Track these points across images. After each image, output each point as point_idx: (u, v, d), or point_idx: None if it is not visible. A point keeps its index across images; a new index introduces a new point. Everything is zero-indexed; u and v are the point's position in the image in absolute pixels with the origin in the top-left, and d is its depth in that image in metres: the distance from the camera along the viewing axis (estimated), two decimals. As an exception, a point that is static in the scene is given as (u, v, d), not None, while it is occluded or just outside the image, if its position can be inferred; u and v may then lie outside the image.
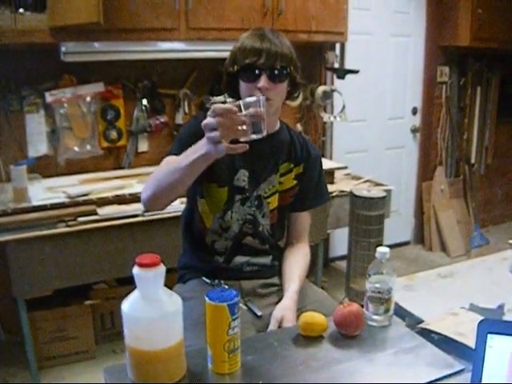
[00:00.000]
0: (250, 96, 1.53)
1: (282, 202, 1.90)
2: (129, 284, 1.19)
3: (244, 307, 1.79)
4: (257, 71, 1.68)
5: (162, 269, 1.17)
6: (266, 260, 1.92)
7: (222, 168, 1.77)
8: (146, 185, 1.66)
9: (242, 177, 1.82)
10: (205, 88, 3.68)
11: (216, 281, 1.85)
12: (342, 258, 4.54)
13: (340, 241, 4.51)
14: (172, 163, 1.58)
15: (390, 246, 1.65)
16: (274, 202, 1.88)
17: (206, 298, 1.26)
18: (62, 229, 2.72)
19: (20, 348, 2.90)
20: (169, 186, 1.57)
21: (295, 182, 1.91)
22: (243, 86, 1.74)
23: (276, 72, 1.70)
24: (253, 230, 1.87)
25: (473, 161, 5.44)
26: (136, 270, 1.15)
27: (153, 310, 1.16)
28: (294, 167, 1.91)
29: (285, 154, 1.89)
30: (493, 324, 1.12)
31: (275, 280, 1.93)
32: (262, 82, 1.68)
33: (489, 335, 1.10)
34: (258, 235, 1.89)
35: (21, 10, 2.76)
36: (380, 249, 1.53)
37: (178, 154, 1.61)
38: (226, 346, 1.26)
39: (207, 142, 1.36)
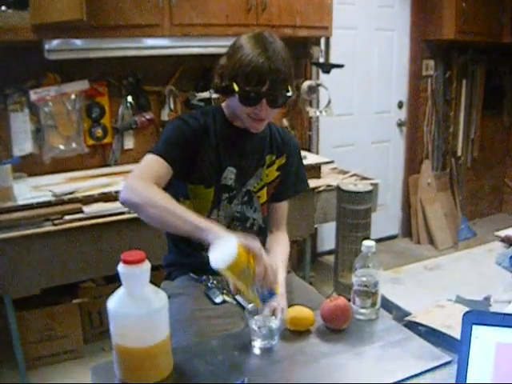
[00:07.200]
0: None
1: (268, 195, 1.92)
2: (117, 282, 1.18)
3: (233, 301, 1.78)
4: (258, 97, 1.65)
5: (147, 265, 1.16)
6: None
7: (208, 168, 1.74)
8: (132, 187, 1.57)
9: (230, 175, 1.82)
10: (190, 84, 3.66)
11: (204, 276, 1.83)
12: (329, 252, 4.54)
13: (328, 235, 4.51)
14: (169, 203, 1.52)
15: (378, 240, 1.66)
16: (263, 195, 1.90)
17: None
18: (48, 227, 2.71)
19: (8, 348, 2.87)
20: (155, 221, 1.54)
21: (278, 173, 1.93)
22: (240, 106, 1.69)
23: (277, 99, 1.67)
24: (241, 227, 1.87)
25: (459, 154, 5.48)
26: (121, 267, 1.15)
27: (139, 307, 1.15)
28: (277, 159, 1.92)
29: (267, 146, 1.90)
30: (478, 315, 1.12)
31: None
32: (261, 109, 1.66)
33: (474, 326, 1.11)
34: (246, 232, 1.88)
35: (3, 8, 2.74)
36: (366, 242, 1.53)
37: (163, 155, 1.63)
38: None
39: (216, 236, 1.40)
